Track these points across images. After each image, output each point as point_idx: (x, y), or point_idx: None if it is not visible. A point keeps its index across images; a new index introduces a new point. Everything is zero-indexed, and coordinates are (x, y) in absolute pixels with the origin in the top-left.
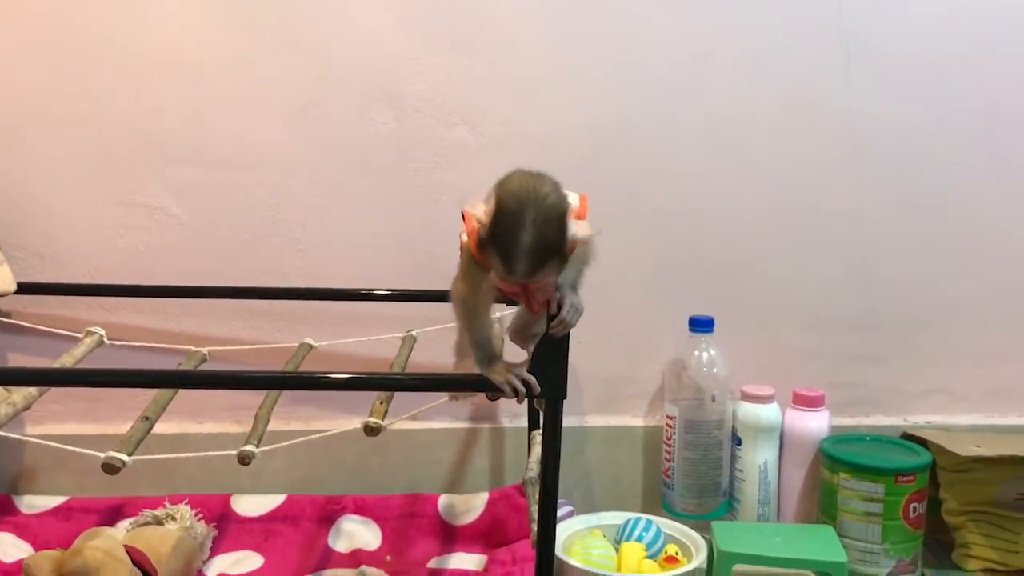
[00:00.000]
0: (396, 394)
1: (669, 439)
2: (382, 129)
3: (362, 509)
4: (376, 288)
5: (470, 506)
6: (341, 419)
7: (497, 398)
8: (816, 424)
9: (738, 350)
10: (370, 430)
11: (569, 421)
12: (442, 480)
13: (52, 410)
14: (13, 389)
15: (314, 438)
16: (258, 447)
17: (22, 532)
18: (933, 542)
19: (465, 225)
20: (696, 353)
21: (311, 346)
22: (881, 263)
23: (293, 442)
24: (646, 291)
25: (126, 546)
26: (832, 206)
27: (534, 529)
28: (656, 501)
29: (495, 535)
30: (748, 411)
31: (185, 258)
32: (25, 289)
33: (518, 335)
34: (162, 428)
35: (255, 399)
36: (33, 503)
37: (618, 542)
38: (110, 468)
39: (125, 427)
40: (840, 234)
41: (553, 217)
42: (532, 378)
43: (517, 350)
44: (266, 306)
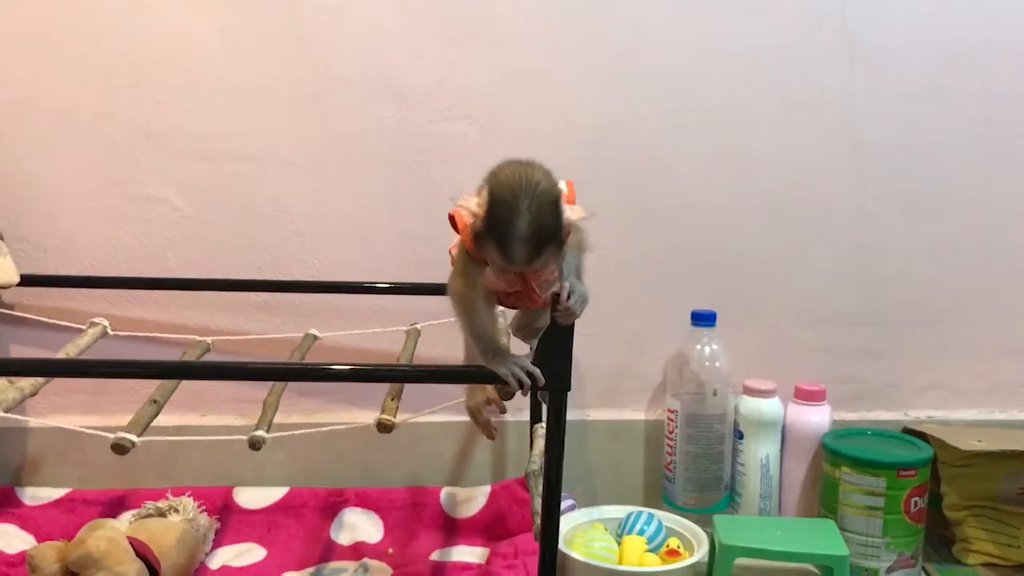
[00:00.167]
0: (405, 391)
1: (671, 433)
2: (385, 122)
3: (364, 501)
4: (379, 281)
5: (472, 499)
6: (344, 412)
7: (510, 396)
8: (817, 419)
9: (740, 344)
10: (383, 427)
11: (571, 415)
12: (444, 473)
13: (55, 402)
14: (17, 379)
15: (322, 431)
16: (268, 433)
17: (25, 524)
18: (934, 536)
19: (457, 227)
20: (698, 347)
21: (316, 337)
22: (883, 259)
23: (301, 432)
24: (648, 285)
25: (129, 537)
26: (834, 202)
27: (537, 522)
28: (658, 495)
29: (497, 528)
30: (750, 405)
31: (188, 250)
32: (28, 281)
33: (521, 330)
34: (165, 420)
35: (258, 391)
36: (36, 495)
37: (620, 535)
38: (120, 448)
39: (127, 419)
40: (842, 230)
41: (547, 203)
42: (537, 370)
43: (521, 346)
44: (269, 299)
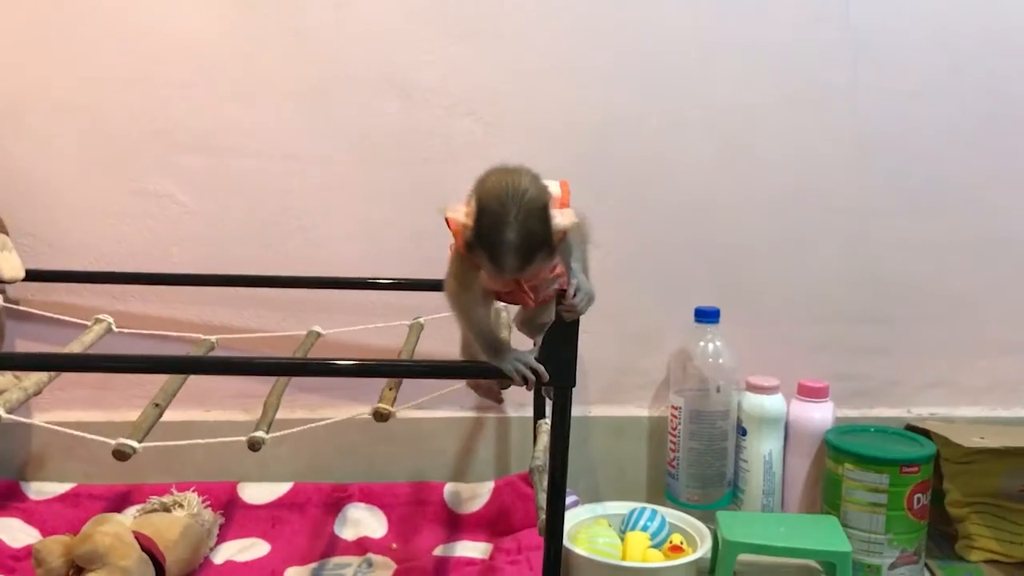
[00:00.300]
0: (404, 382)
1: (674, 429)
2: (389, 119)
3: (368, 497)
4: (383, 277)
5: (476, 494)
6: (347, 407)
7: (506, 387)
8: (820, 415)
9: (743, 341)
10: (380, 416)
11: (574, 411)
12: (448, 469)
13: (59, 398)
14: (23, 374)
15: (322, 424)
16: (268, 434)
17: (30, 518)
18: (936, 533)
19: (451, 229)
20: (702, 344)
21: (319, 334)
22: (886, 256)
23: (301, 428)
24: (652, 282)
25: (135, 532)
26: (838, 199)
27: (542, 517)
28: (661, 491)
29: (500, 523)
30: (753, 402)
31: (192, 246)
32: (33, 276)
33: (525, 325)
34: (169, 416)
35: (262, 387)
36: (41, 489)
37: (623, 531)
38: (121, 455)
39: (131, 415)
40: (845, 227)
41: (535, 210)
42: (540, 366)
43: (526, 341)
44: (273, 294)
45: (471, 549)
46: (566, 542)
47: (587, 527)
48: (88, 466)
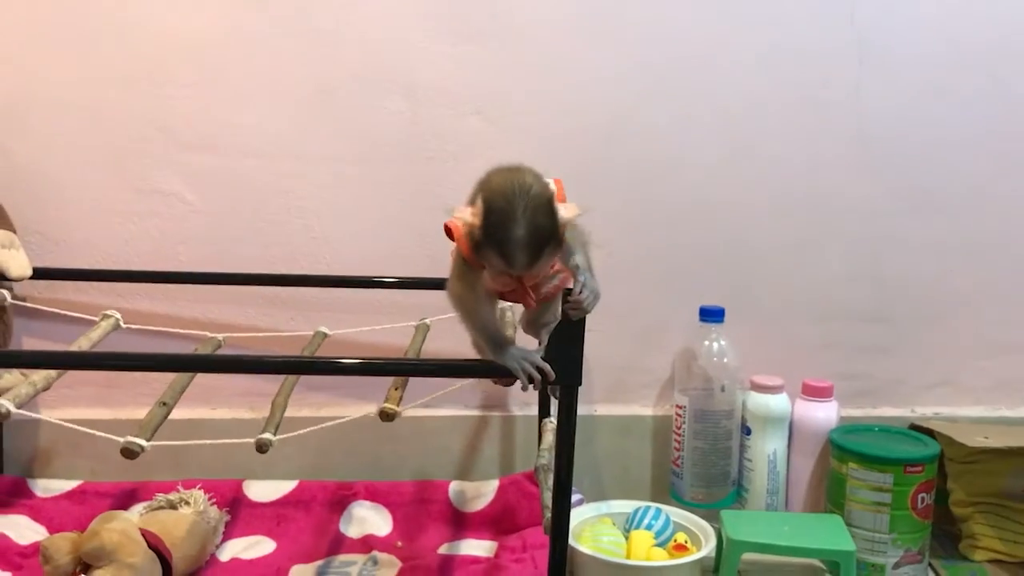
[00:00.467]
0: (410, 382)
1: (679, 428)
2: (395, 117)
3: (373, 495)
4: (389, 276)
5: (480, 493)
6: (352, 406)
7: (510, 383)
8: (825, 415)
9: (748, 340)
10: (386, 416)
11: (579, 410)
12: (452, 467)
13: (66, 395)
14: (31, 372)
15: (329, 425)
16: (275, 435)
17: (37, 515)
18: (940, 533)
19: (452, 237)
20: (706, 343)
21: (326, 334)
22: (890, 256)
23: (309, 430)
24: (657, 281)
25: (141, 529)
26: (842, 200)
27: (547, 516)
28: (665, 490)
29: (505, 522)
30: (758, 401)
31: (198, 245)
32: (40, 274)
33: (531, 325)
34: (176, 413)
35: (268, 385)
36: (48, 487)
37: (627, 530)
38: (129, 453)
39: (138, 412)
40: (850, 227)
41: (542, 205)
42: (547, 365)
43: (531, 342)
44: (279, 293)
45: (476, 547)
46: (571, 540)
47: (591, 526)
48: (95, 463)
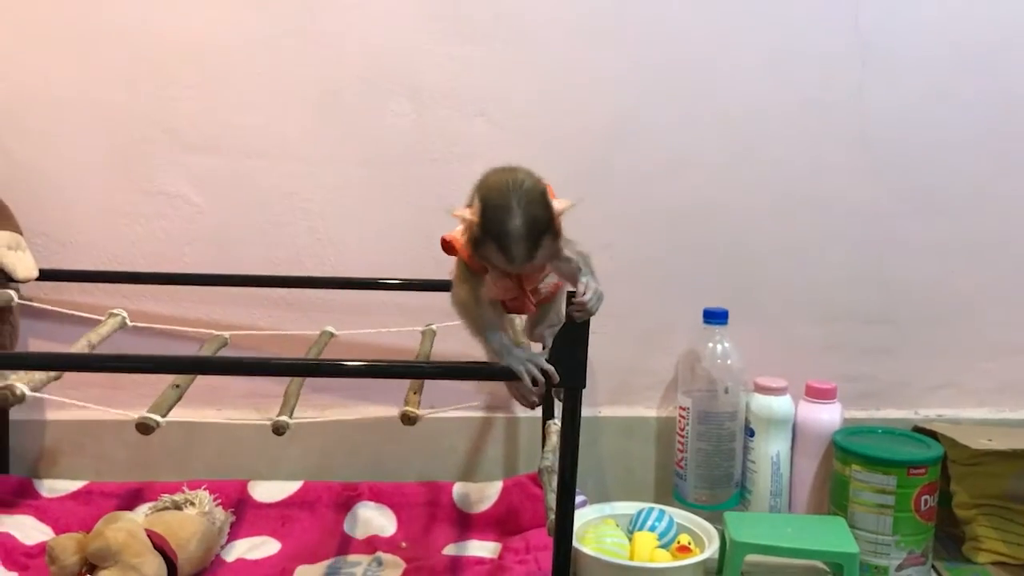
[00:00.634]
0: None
1: (682, 430)
2: (400, 119)
3: (378, 496)
4: (394, 277)
5: (485, 494)
6: (357, 408)
7: (535, 405)
8: (828, 416)
9: (752, 342)
10: (408, 419)
11: (583, 411)
12: (456, 468)
13: (70, 396)
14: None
15: (332, 424)
16: (291, 418)
17: (43, 515)
18: (944, 535)
19: (449, 251)
20: (710, 345)
21: (332, 334)
22: (894, 258)
23: (319, 420)
24: (661, 283)
25: (147, 530)
26: (846, 201)
27: (551, 517)
28: (668, 491)
29: (509, 523)
30: (761, 403)
31: (204, 246)
32: (46, 275)
33: (534, 330)
34: (181, 415)
35: (273, 387)
36: (53, 487)
37: (631, 532)
38: (145, 428)
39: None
40: (853, 229)
41: (536, 196)
42: (551, 367)
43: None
44: (284, 295)
45: (480, 548)
46: (574, 542)
47: (595, 527)
48: (100, 464)
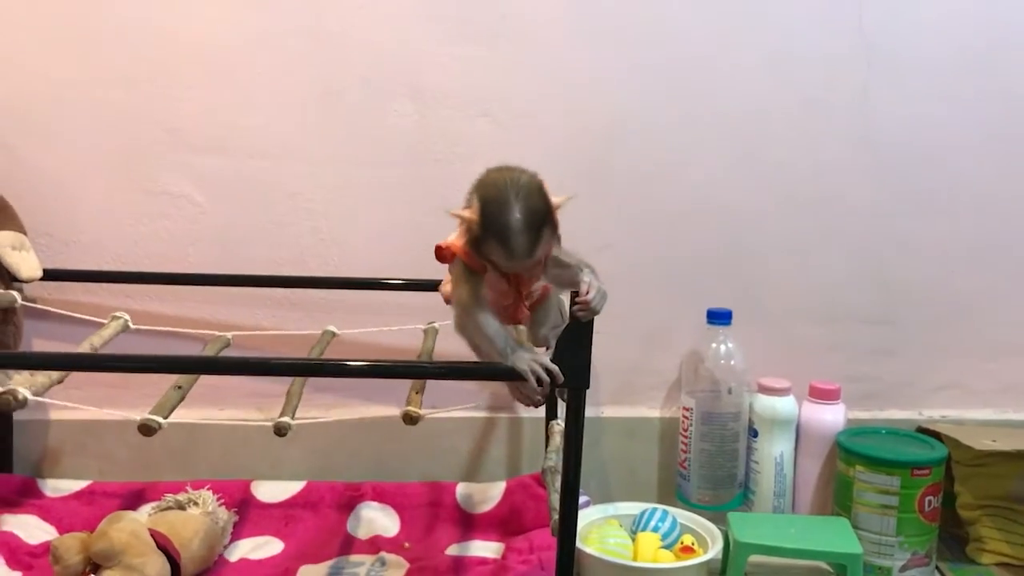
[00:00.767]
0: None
1: (685, 430)
2: (403, 120)
3: (381, 496)
4: (397, 277)
5: (488, 495)
6: (360, 408)
7: (535, 403)
8: (832, 417)
9: (755, 343)
10: (409, 419)
11: (586, 412)
12: (459, 469)
13: (74, 396)
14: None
15: (335, 424)
16: (293, 419)
17: (46, 515)
18: (948, 536)
19: (442, 259)
20: (713, 345)
21: (334, 333)
22: (897, 258)
23: (321, 421)
24: (664, 283)
25: (150, 530)
26: (849, 202)
27: (555, 518)
28: (672, 492)
29: (512, 523)
30: (764, 403)
31: (207, 246)
32: (50, 275)
33: (536, 333)
34: (184, 415)
35: (276, 386)
36: (57, 487)
37: (634, 532)
38: (147, 430)
39: (145, 413)
40: (857, 229)
41: (534, 189)
42: (555, 367)
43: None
44: (287, 295)
45: (483, 548)
46: (577, 542)
47: (598, 527)
48: (103, 464)
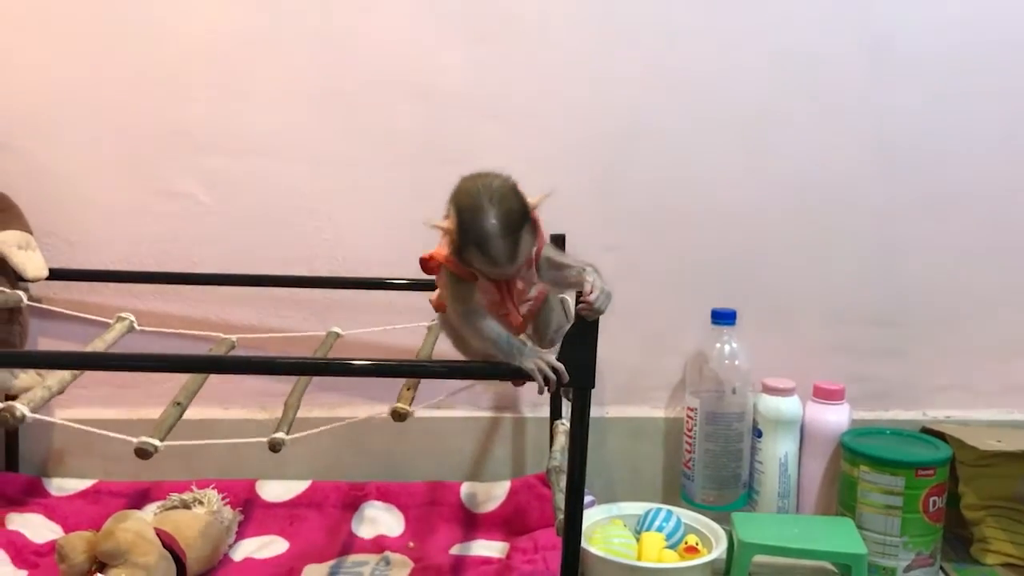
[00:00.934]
0: (422, 382)
1: (690, 431)
2: (410, 120)
3: (385, 496)
4: (402, 277)
5: (492, 494)
6: (364, 406)
7: (520, 383)
8: (836, 417)
9: (760, 343)
10: (398, 416)
11: (591, 412)
12: (464, 468)
13: (80, 395)
14: (46, 373)
15: (341, 424)
16: (288, 435)
17: (52, 514)
18: (952, 536)
19: (428, 270)
20: (718, 345)
21: (338, 335)
22: (902, 259)
23: (321, 429)
24: (669, 283)
25: (156, 529)
26: (854, 202)
27: (559, 517)
28: (676, 492)
29: (517, 523)
30: (769, 404)
31: (212, 246)
32: (55, 275)
33: (540, 336)
34: (189, 414)
35: (280, 386)
36: (62, 486)
37: (638, 532)
38: (143, 453)
39: (152, 412)
40: (861, 230)
41: (508, 191)
42: (561, 366)
43: None
44: (292, 294)
45: (488, 548)
46: (582, 542)
47: (603, 527)
48: (108, 463)
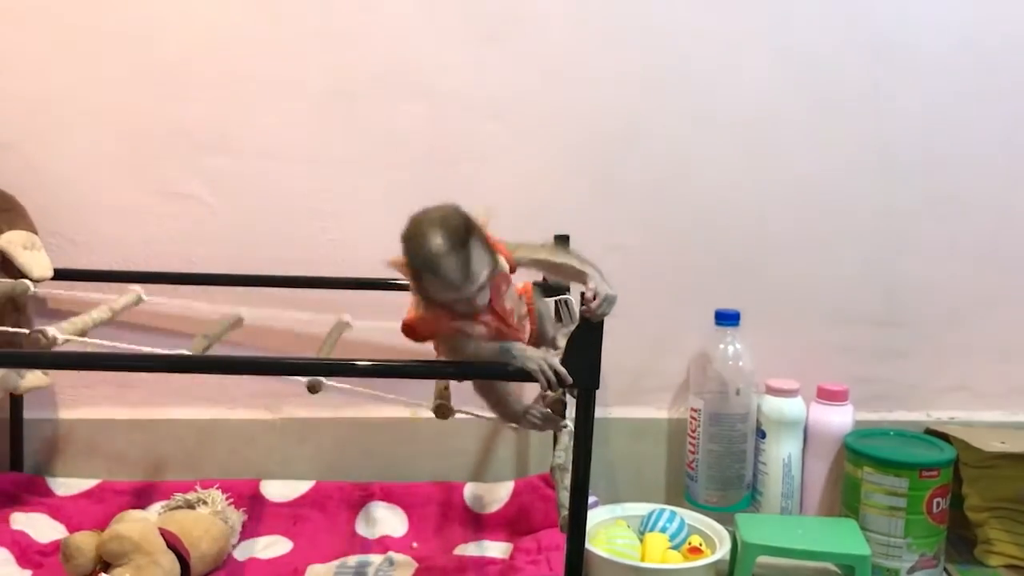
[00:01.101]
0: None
1: (693, 431)
2: (413, 121)
3: (389, 496)
4: (403, 278)
5: (496, 495)
6: (369, 407)
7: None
8: (840, 419)
9: (763, 344)
10: (442, 412)
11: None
12: (468, 468)
13: (83, 394)
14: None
15: (344, 424)
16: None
17: (56, 513)
18: (956, 537)
19: (414, 336)
20: (721, 346)
21: (348, 324)
22: (906, 260)
23: (326, 419)
24: (673, 284)
25: (160, 529)
26: (858, 203)
27: (563, 515)
28: (679, 493)
29: (520, 524)
30: (772, 405)
31: (216, 246)
32: (60, 275)
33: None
34: (193, 414)
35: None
36: (67, 485)
37: (642, 533)
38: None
39: (155, 412)
40: (865, 231)
41: (449, 212)
42: (562, 368)
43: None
44: (296, 294)
45: (491, 548)
46: (585, 543)
47: (606, 528)
48: (112, 463)
